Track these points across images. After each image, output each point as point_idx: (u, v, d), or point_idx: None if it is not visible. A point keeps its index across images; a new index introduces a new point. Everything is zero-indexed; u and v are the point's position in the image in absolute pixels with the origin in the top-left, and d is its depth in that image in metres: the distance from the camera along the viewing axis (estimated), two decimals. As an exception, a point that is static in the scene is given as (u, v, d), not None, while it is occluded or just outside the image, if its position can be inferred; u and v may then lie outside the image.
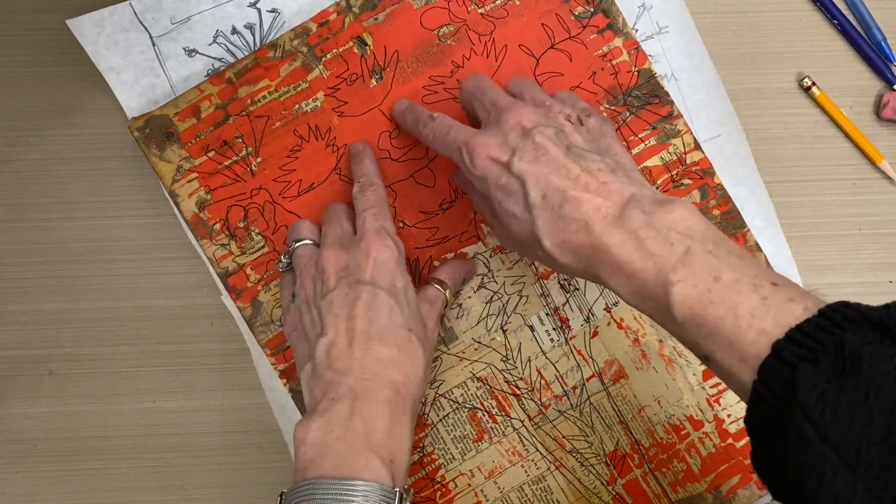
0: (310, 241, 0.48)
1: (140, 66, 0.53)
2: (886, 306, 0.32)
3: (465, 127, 0.44)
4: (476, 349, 0.52)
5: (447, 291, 0.49)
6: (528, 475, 0.52)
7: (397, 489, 0.39)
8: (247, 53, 0.52)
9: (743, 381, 0.34)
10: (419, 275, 0.52)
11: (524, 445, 0.52)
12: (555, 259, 0.40)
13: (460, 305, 0.52)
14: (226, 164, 0.51)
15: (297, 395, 0.52)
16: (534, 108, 0.43)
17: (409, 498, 0.40)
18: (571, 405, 0.52)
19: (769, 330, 0.33)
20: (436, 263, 0.52)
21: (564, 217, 0.39)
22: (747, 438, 0.52)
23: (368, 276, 0.44)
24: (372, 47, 0.52)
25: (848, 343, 0.30)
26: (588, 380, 0.53)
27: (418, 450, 0.52)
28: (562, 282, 0.52)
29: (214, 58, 0.53)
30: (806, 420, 0.30)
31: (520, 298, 0.52)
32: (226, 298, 0.52)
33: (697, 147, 0.53)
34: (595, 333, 0.53)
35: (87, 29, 0.52)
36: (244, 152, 0.51)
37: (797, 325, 0.32)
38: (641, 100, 0.53)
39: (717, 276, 0.35)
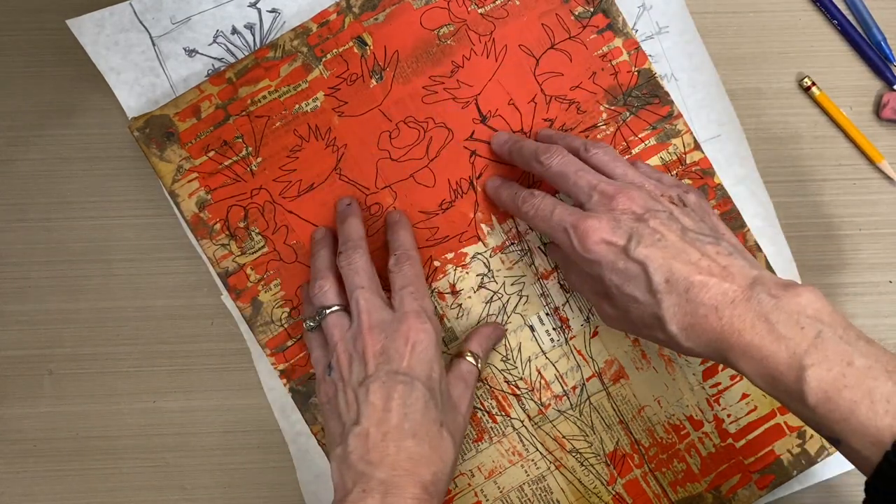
0: (338, 308, 0.47)
1: (140, 66, 0.53)
2: None
3: (570, 207, 0.44)
4: (476, 349, 0.52)
5: (479, 363, 0.49)
6: (528, 475, 0.52)
7: None
8: (247, 53, 0.52)
9: (875, 463, 0.35)
10: (419, 275, 0.52)
11: (524, 445, 0.52)
12: (679, 343, 0.41)
13: (460, 305, 0.52)
14: (226, 164, 0.51)
15: (296, 394, 0.52)
16: (640, 191, 0.43)
17: None
18: (571, 405, 0.52)
19: None
20: (436, 263, 0.52)
21: (692, 301, 0.40)
22: (747, 438, 0.52)
23: (406, 365, 0.44)
24: (372, 47, 0.52)
25: None
26: (588, 380, 0.53)
27: (418, 450, 0.52)
28: (562, 282, 0.53)
29: (214, 58, 0.53)
30: None
31: (520, 298, 0.52)
32: (226, 298, 0.52)
33: (697, 147, 0.53)
34: (595, 333, 0.53)
35: (87, 29, 0.52)
36: (244, 152, 0.51)
37: None
38: (641, 100, 0.53)
39: (850, 362, 0.36)
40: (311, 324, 0.48)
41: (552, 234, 0.45)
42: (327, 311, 0.47)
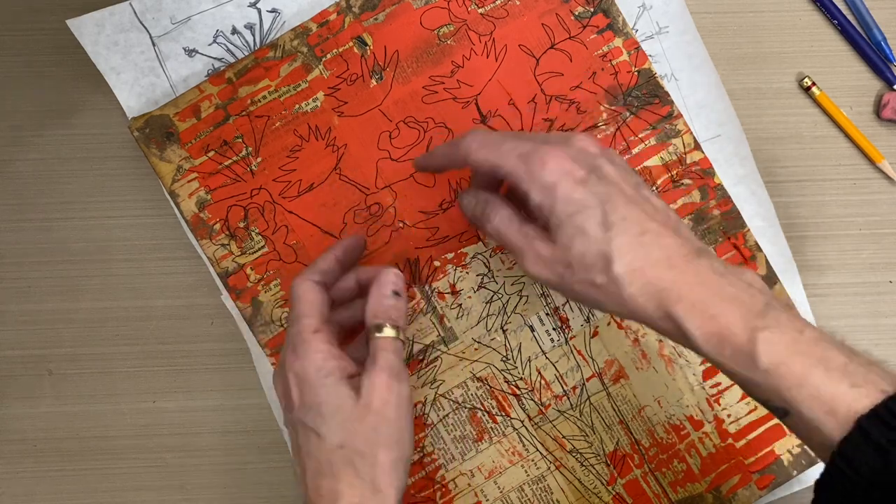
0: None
1: (140, 66, 0.53)
2: None
3: (525, 136, 0.42)
4: (476, 349, 0.52)
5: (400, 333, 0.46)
6: (528, 475, 0.52)
7: None
8: (247, 53, 0.52)
9: (827, 434, 0.33)
10: (419, 275, 0.52)
11: (524, 445, 0.52)
12: (621, 287, 0.38)
13: (460, 305, 0.52)
14: (226, 164, 0.51)
15: (297, 395, 0.52)
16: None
17: None
18: (571, 405, 0.52)
19: (861, 384, 0.33)
20: (436, 263, 0.52)
21: (645, 245, 0.38)
22: (747, 438, 0.52)
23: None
24: (372, 47, 0.52)
25: None
26: (588, 380, 0.53)
27: (418, 450, 0.52)
28: (562, 282, 0.52)
29: (214, 58, 0.53)
30: None
31: (520, 298, 0.52)
32: (226, 298, 0.52)
33: (697, 147, 0.53)
34: (595, 333, 0.53)
35: (87, 29, 0.52)
36: (244, 152, 0.51)
37: (884, 402, 0.32)
38: (641, 100, 0.53)
39: (801, 330, 0.35)
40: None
41: (502, 162, 0.40)
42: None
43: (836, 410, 0.33)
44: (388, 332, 0.44)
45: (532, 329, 0.52)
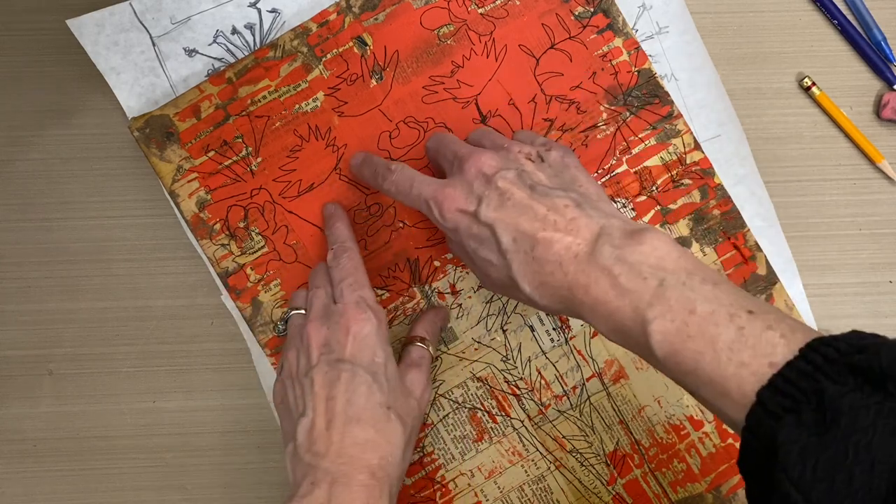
0: (303, 311, 0.48)
1: (140, 66, 0.53)
2: (866, 345, 0.31)
3: (427, 178, 0.44)
4: (476, 349, 0.52)
5: (430, 348, 0.49)
6: (528, 475, 0.52)
7: None
8: (247, 53, 0.52)
9: (730, 416, 0.34)
10: (419, 275, 0.52)
11: (524, 445, 0.52)
12: (536, 301, 0.40)
13: (460, 305, 0.52)
14: (226, 164, 0.51)
15: (297, 395, 0.52)
16: (493, 153, 0.43)
17: None
18: (571, 405, 0.52)
19: (748, 362, 0.33)
20: (436, 263, 0.52)
21: (538, 259, 0.39)
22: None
23: (348, 353, 0.44)
24: (372, 47, 0.52)
25: (828, 393, 0.30)
26: (588, 380, 0.53)
27: (418, 450, 0.52)
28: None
29: (214, 58, 0.53)
30: (788, 480, 0.29)
31: (520, 298, 0.52)
32: (226, 298, 0.52)
33: (697, 147, 0.53)
34: (595, 333, 0.53)
35: (87, 29, 0.52)
36: (244, 152, 0.51)
37: (780, 372, 0.32)
38: (641, 100, 0.53)
39: (693, 310, 0.35)
40: (281, 326, 0.49)
41: (417, 207, 0.44)
42: (291, 313, 0.48)
43: (727, 393, 0.33)
44: (430, 346, 0.49)
45: (532, 329, 0.52)
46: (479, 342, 0.52)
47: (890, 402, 0.29)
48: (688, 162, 0.53)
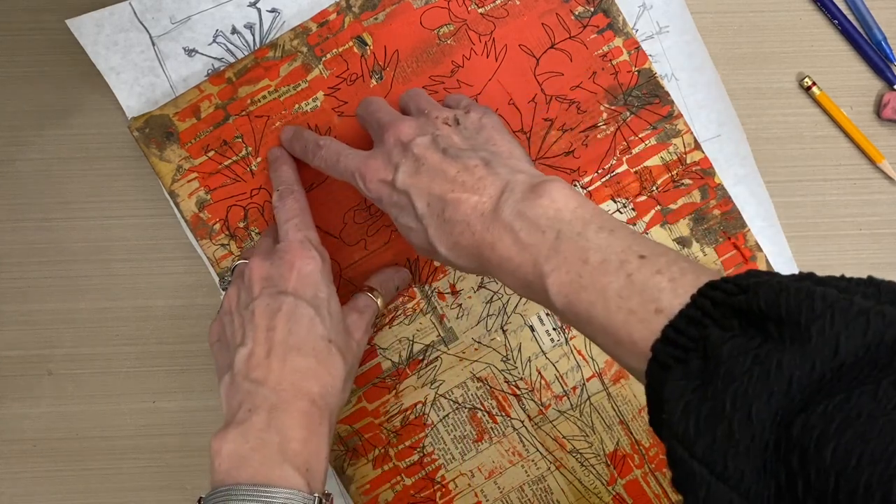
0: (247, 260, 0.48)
1: (140, 66, 0.53)
2: (749, 284, 0.30)
3: (353, 151, 0.45)
4: (476, 349, 0.52)
5: (379, 300, 0.49)
6: (528, 475, 0.52)
7: (316, 495, 0.40)
8: (247, 53, 0.52)
9: (631, 365, 0.34)
10: (419, 275, 0.52)
11: (524, 445, 0.52)
12: (454, 262, 0.40)
13: (460, 305, 0.52)
14: (226, 164, 0.51)
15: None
16: (412, 121, 0.43)
17: (327, 503, 0.41)
18: (571, 405, 0.52)
19: (635, 309, 0.32)
20: (436, 263, 0.52)
21: (449, 221, 0.39)
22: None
23: (291, 287, 0.44)
24: (372, 47, 0.52)
25: (711, 339, 0.29)
26: (588, 380, 0.53)
27: (418, 450, 0.52)
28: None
29: (214, 58, 0.53)
30: (674, 437, 0.29)
31: (520, 298, 0.52)
32: (226, 298, 0.52)
33: (698, 147, 0.53)
34: (595, 333, 0.53)
35: (86, 29, 0.52)
36: (244, 152, 0.51)
37: (671, 322, 0.31)
38: (641, 99, 0.53)
39: (585, 259, 0.35)
40: (228, 276, 0.49)
41: (347, 181, 0.45)
42: (238, 262, 0.48)
43: (621, 342, 0.33)
44: (379, 299, 0.49)
45: (532, 329, 0.52)
46: (479, 342, 0.52)
47: (768, 346, 0.28)
48: (688, 162, 0.53)
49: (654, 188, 0.53)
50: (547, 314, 0.52)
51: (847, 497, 0.25)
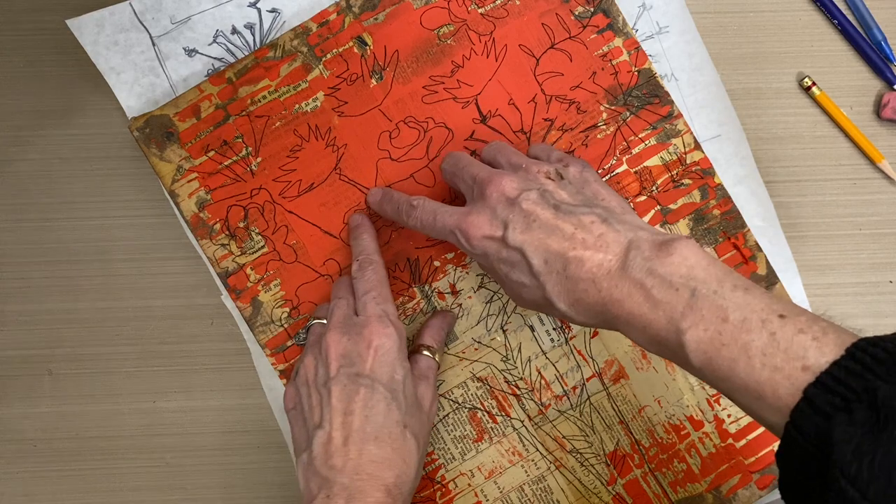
0: (325, 322, 0.48)
1: (140, 66, 0.53)
2: None
3: (449, 209, 0.45)
4: (476, 349, 0.52)
5: (437, 356, 0.50)
6: (528, 475, 0.52)
7: None
8: (247, 53, 0.52)
9: (767, 419, 0.34)
10: (419, 274, 0.52)
11: (524, 445, 0.52)
12: (572, 317, 0.41)
13: (460, 305, 0.52)
14: (226, 164, 0.51)
15: (297, 395, 0.52)
16: (513, 175, 0.43)
17: None
18: (571, 405, 0.52)
19: (781, 366, 0.33)
20: (436, 263, 0.52)
21: (571, 278, 0.39)
22: (747, 438, 0.52)
23: (368, 368, 0.44)
24: (372, 47, 0.52)
25: (881, 392, 0.30)
26: (588, 380, 0.53)
27: (418, 450, 0.52)
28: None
29: (214, 58, 0.53)
30: (844, 478, 0.30)
31: (520, 298, 0.52)
32: (226, 298, 0.52)
33: (697, 147, 0.53)
34: (595, 333, 0.53)
35: (87, 29, 0.52)
36: (244, 152, 0.51)
37: (828, 371, 0.32)
38: (641, 100, 0.53)
39: (725, 318, 0.35)
40: (303, 334, 0.50)
41: (443, 238, 0.45)
42: (314, 321, 0.48)
43: (762, 397, 0.34)
44: (436, 355, 0.50)
45: (532, 329, 0.52)
46: (479, 342, 0.52)
47: None
48: (688, 162, 0.53)
49: (654, 188, 0.53)
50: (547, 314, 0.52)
51: None
